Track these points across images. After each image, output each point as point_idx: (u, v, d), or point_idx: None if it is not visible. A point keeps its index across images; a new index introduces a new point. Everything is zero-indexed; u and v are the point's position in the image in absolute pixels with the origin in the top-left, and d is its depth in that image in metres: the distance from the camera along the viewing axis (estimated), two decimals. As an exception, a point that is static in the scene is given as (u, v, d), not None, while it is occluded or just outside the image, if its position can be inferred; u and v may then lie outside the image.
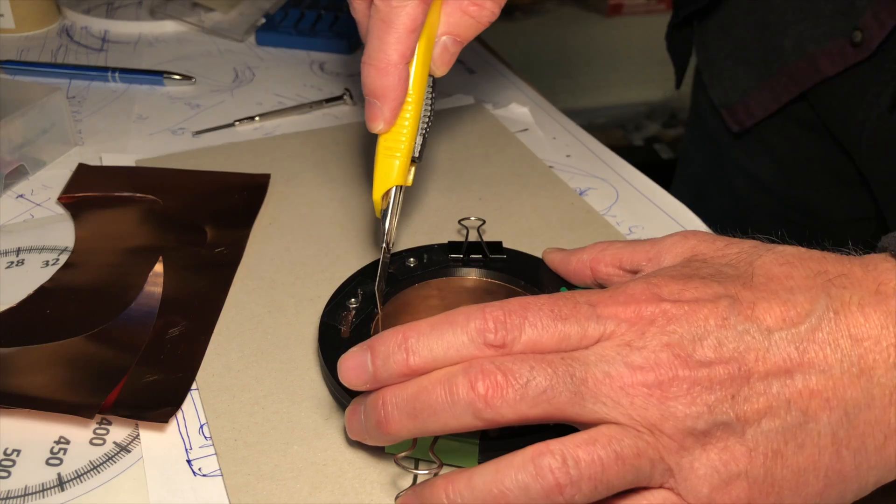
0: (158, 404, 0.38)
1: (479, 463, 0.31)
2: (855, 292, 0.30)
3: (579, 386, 0.29)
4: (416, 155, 0.43)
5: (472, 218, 0.49)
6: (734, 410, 0.29)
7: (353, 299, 0.42)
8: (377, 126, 0.41)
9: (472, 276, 0.45)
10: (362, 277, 0.44)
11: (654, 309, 0.31)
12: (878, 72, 0.57)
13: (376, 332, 0.39)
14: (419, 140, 0.43)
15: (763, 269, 0.32)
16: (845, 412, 0.29)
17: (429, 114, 0.43)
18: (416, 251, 0.46)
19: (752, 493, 0.29)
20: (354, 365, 0.32)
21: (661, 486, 0.30)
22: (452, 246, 0.46)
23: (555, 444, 0.29)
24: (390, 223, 0.42)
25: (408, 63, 0.41)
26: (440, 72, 0.43)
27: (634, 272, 0.39)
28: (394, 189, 0.42)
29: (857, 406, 0.29)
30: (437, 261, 0.45)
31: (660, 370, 0.29)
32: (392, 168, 0.42)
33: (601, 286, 0.41)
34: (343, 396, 0.37)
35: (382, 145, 0.42)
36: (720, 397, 0.29)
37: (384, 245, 0.42)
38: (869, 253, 0.33)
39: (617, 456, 0.29)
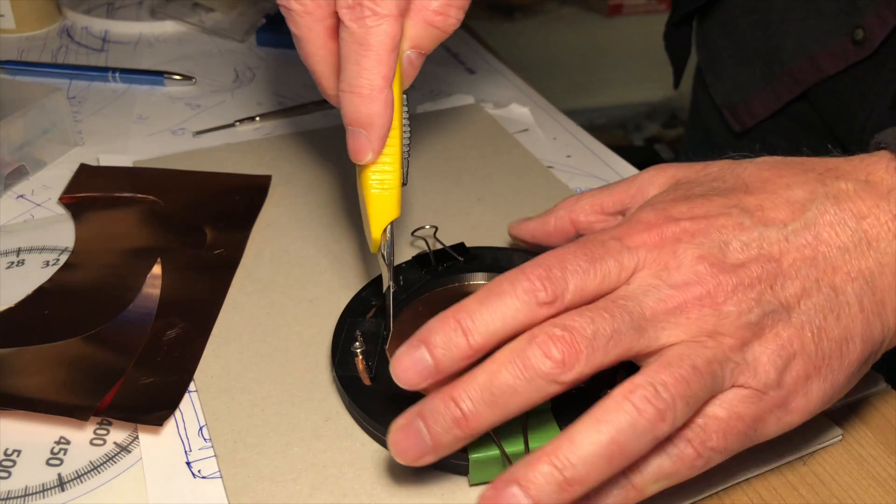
0: (154, 407, 0.38)
1: (561, 430, 0.30)
2: (847, 181, 0.33)
3: (639, 320, 0.31)
4: (404, 181, 0.41)
5: (427, 226, 0.48)
6: (776, 298, 0.32)
7: (356, 343, 0.40)
8: (365, 157, 0.38)
9: (456, 283, 0.45)
10: (351, 317, 0.42)
11: (674, 228, 0.32)
12: (880, 70, 0.57)
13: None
14: (404, 164, 0.40)
15: (753, 175, 0.35)
16: (865, 281, 0.32)
17: (408, 134, 0.40)
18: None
19: (808, 368, 0.32)
20: (412, 363, 0.31)
21: (731, 387, 0.31)
22: (421, 260, 0.45)
23: (639, 378, 0.30)
24: (391, 259, 0.40)
25: (391, 85, 0.38)
26: (403, 86, 0.41)
27: (619, 213, 0.40)
28: (390, 224, 0.40)
29: (873, 274, 0.32)
30: (414, 279, 0.44)
31: (704, 281, 0.31)
32: (387, 202, 0.39)
33: None
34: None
35: (372, 178, 0.39)
36: (761, 290, 0.31)
37: (390, 283, 0.40)
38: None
39: (694, 368, 0.30)
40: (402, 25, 0.38)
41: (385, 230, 0.40)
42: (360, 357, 0.39)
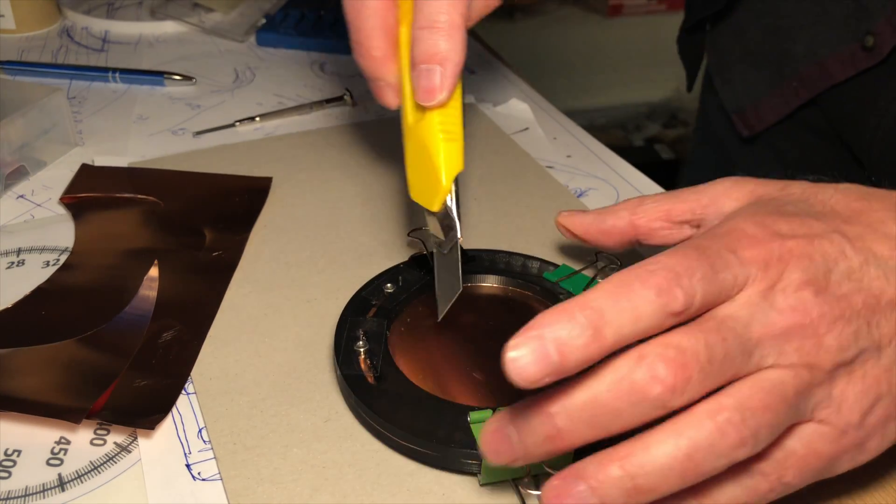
0: (147, 411, 0.38)
1: (575, 459, 0.29)
2: None
3: (746, 344, 0.29)
4: None
5: (423, 227, 0.47)
6: (871, 336, 0.30)
7: (359, 342, 0.40)
8: (438, 96, 0.37)
9: None
10: (353, 317, 0.42)
11: (780, 247, 0.30)
12: (891, 77, 0.56)
13: (415, 366, 0.39)
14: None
15: (841, 204, 0.33)
16: None
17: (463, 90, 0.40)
18: (389, 274, 0.44)
19: (890, 409, 0.31)
20: (535, 359, 0.26)
21: (810, 421, 0.30)
22: (418, 260, 0.45)
23: (727, 400, 0.28)
24: (458, 211, 0.39)
25: (466, 25, 0.37)
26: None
27: (686, 223, 0.38)
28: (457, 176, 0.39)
29: None
30: (413, 279, 0.44)
31: (808, 310, 0.30)
32: (455, 152, 0.38)
33: (642, 245, 0.40)
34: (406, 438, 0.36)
35: (438, 127, 0.38)
36: (859, 325, 0.30)
37: (458, 235, 0.39)
38: None
39: (783, 398, 0.29)
40: None
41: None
42: (364, 356, 0.39)
